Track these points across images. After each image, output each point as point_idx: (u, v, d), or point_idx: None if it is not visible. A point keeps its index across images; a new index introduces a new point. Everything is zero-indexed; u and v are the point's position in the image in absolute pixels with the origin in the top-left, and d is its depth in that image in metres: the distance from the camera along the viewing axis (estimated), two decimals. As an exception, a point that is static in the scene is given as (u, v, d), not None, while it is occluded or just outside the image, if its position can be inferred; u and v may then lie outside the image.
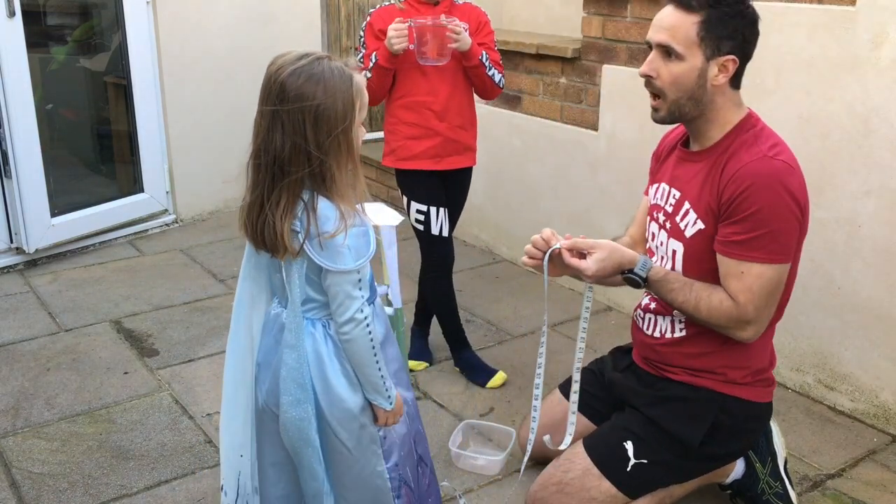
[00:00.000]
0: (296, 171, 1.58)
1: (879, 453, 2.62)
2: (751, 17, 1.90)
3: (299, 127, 1.56)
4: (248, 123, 1.45)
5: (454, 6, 2.80)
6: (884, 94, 2.55)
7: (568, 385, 2.42)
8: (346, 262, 1.61)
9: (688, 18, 1.88)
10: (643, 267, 1.96)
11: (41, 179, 3.88)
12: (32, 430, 2.66)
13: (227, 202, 4.81)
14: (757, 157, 1.87)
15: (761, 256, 1.87)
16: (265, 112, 1.59)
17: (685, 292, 1.95)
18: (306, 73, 1.56)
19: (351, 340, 1.66)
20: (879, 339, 2.69)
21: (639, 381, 2.19)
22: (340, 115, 1.58)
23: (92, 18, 4.45)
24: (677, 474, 2.12)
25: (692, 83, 1.90)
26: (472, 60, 2.70)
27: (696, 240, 1.98)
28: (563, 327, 3.42)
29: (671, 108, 1.95)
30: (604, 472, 2.07)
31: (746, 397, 2.06)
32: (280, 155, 1.57)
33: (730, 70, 1.91)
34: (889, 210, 2.60)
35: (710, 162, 1.96)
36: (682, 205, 2.01)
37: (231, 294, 3.68)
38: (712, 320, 1.93)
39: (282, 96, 1.56)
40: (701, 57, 1.89)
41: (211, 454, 2.55)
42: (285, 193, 1.59)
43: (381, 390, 1.72)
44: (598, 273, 1.92)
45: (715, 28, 1.87)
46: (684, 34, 1.88)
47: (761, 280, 1.88)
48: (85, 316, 3.46)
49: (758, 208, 1.84)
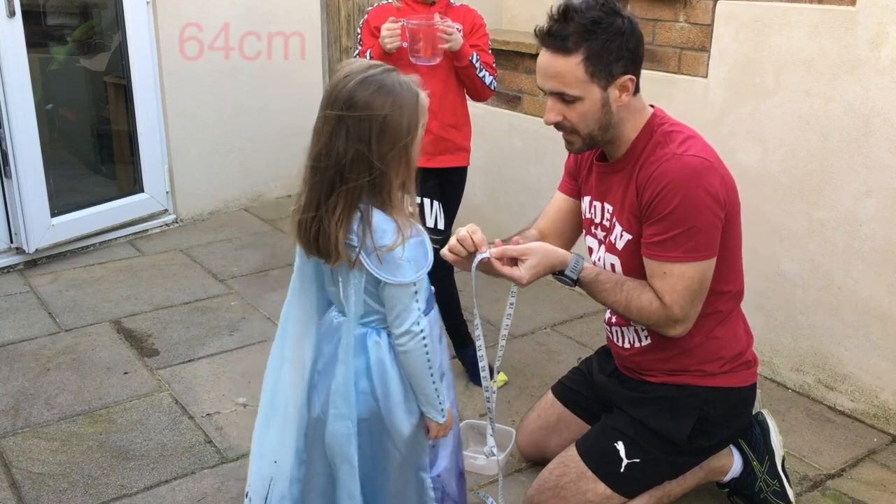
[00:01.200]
0: (355, 179, 1.56)
1: (879, 453, 2.62)
2: (629, 29, 1.86)
3: (364, 135, 1.54)
4: (248, 123, 1.44)
5: (450, 7, 2.82)
6: (884, 95, 2.55)
7: (560, 387, 2.43)
8: (406, 275, 1.60)
9: (569, 61, 1.84)
10: (574, 268, 1.94)
11: (41, 179, 3.89)
12: (32, 430, 2.66)
13: (227, 202, 4.81)
14: (667, 156, 1.87)
15: (680, 256, 1.86)
16: (329, 117, 1.57)
17: (616, 293, 1.95)
18: (376, 83, 1.56)
19: (407, 352, 1.66)
20: (879, 339, 2.69)
21: (622, 385, 2.20)
22: (405, 130, 1.57)
23: (92, 18, 4.45)
24: (671, 470, 2.13)
25: (598, 114, 1.90)
26: (462, 61, 2.72)
27: (627, 250, 1.99)
28: (562, 327, 3.42)
29: (585, 140, 1.95)
30: (598, 475, 2.08)
31: (729, 385, 2.07)
32: (342, 160, 1.55)
33: (629, 88, 1.90)
34: (889, 210, 2.60)
35: (627, 171, 1.97)
36: (613, 218, 2.02)
37: (230, 294, 3.70)
38: (642, 319, 1.95)
39: (349, 103, 1.55)
40: (598, 90, 1.87)
41: (211, 454, 2.55)
42: (342, 200, 1.57)
43: (435, 403, 1.72)
44: (531, 280, 1.89)
45: (599, 58, 1.84)
46: (573, 78, 1.85)
47: (684, 279, 1.87)
48: (85, 316, 3.47)
49: (672, 208, 1.84)
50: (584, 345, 3.27)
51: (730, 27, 2.93)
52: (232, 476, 2.45)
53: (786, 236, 2.88)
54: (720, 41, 2.98)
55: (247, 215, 4.78)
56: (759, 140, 2.90)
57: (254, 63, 4.66)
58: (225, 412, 2.79)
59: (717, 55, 3.00)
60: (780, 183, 2.86)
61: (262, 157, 4.90)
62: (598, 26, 1.82)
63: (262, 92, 4.76)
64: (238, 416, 2.76)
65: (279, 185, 5.03)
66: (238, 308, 3.57)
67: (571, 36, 1.82)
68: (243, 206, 4.89)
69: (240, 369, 3.06)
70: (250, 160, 4.86)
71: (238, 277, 3.89)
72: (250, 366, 3.08)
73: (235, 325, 3.40)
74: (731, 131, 2.98)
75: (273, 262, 4.08)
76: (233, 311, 3.54)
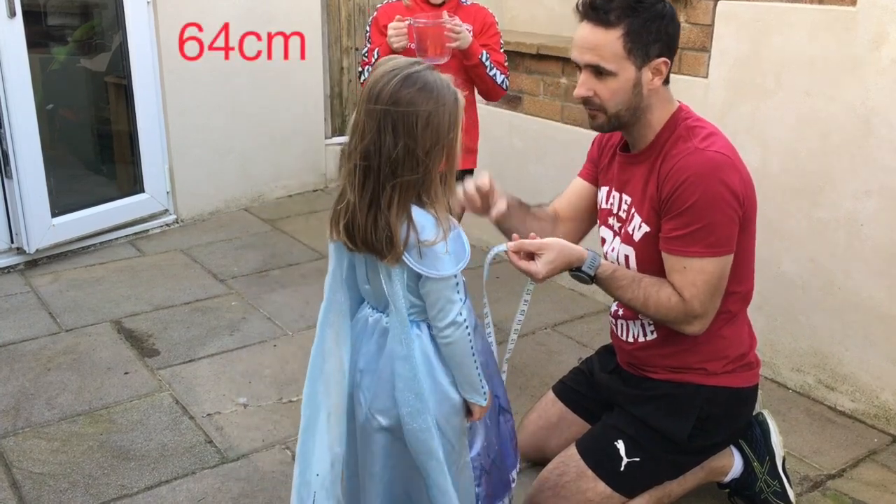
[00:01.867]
0: (409, 174, 1.56)
1: (880, 453, 2.62)
2: (670, 14, 1.88)
3: (412, 130, 1.55)
4: (248, 123, 1.44)
5: (460, 6, 2.79)
6: (884, 95, 2.55)
7: (561, 387, 2.43)
8: (447, 268, 1.61)
9: (609, 34, 1.85)
10: (591, 265, 1.93)
11: (42, 179, 3.88)
12: (33, 431, 2.66)
13: (227, 202, 4.81)
14: (689, 150, 1.87)
15: (700, 251, 1.86)
16: (374, 111, 1.55)
17: (633, 289, 1.94)
18: (421, 81, 1.56)
19: (452, 343, 1.66)
20: (880, 339, 2.69)
21: (624, 382, 2.20)
22: (447, 127, 1.58)
23: (92, 18, 4.45)
24: (671, 470, 2.13)
25: (629, 94, 1.90)
26: (471, 59, 2.69)
27: (644, 243, 1.98)
28: (563, 327, 3.42)
29: (611, 119, 1.95)
30: (598, 474, 2.07)
31: (730, 385, 2.07)
32: (392, 155, 1.55)
33: (663, 72, 1.91)
34: (890, 210, 2.60)
35: (649, 163, 1.97)
36: (631, 209, 2.02)
37: (231, 294, 3.70)
38: (660, 315, 1.94)
39: (394, 99, 1.54)
40: (632, 68, 1.87)
41: (211, 454, 2.55)
42: (397, 195, 1.57)
43: (478, 387, 1.73)
44: (548, 276, 1.89)
45: (639, 36, 1.85)
46: (611, 51, 1.85)
47: (704, 274, 1.87)
48: (85, 316, 3.47)
49: (692, 202, 1.84)
50: (584, 345, 3.27)
51: (730, 27, 2.93)
52: (232, 476, 2.45)
53: (786, 236, 2.88)
54: (721, 41, 2.98)
55: (247, 215, 4.78)
56: (759, 140, 2.90)
57: (254, 63, 4.66)
58: (225, 412, 2.79)
59: (717, 55, 3.00)
60: (781, 183, 2.86)
61: (263, 158, 4.90)
62: (640, 4, 1.84)
63: (263, 92, 4.76)
64: (238, 416, 2.77)
65: (280, 186, 5.04)
66: (238, 308, 3.57)
67: (614, 10, 1.84)
68: (244, 206, 4.89)
69: (240, 369, 3.06)
70: (251, 160, 4.86)
71: (238, 277, 3.89)
72: (251, 366, 3.08)
73: (236, 326, 3.41)
74: (731, 131, 2.96)
75: (273, 262, 4.08)
76: (233, 312, 3.54)
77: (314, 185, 5.21)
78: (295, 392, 2.92)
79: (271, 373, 3.04)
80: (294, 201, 5.02)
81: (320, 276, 3.81)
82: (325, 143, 5.21)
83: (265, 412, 2.79)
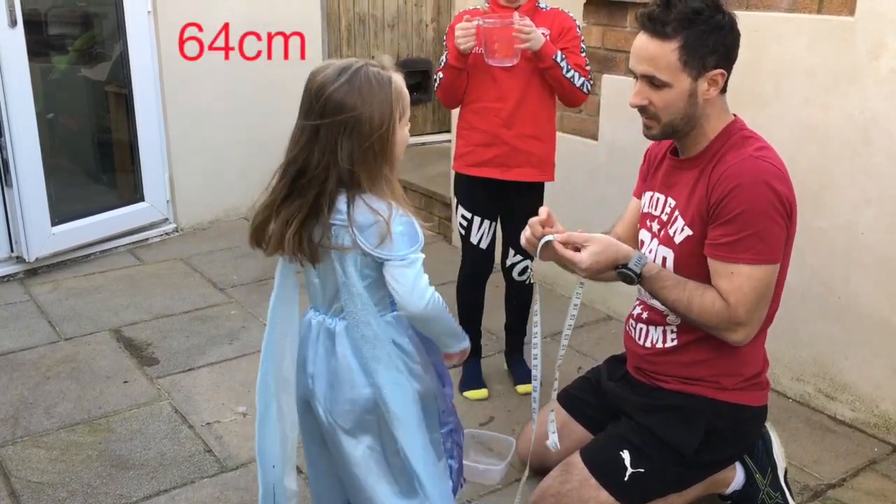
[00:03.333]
0: (327, 182, 1.60)
1: (880, 463, 2.62)
2: (728, 25, 1.89)
3: (333, 142, 1.58)
4: (248, 132, 1.46)
5: (537, 11, 2.67)
6: (883, 104, 2.56)
7: (565, 395, 2.42)
8: (399, 248, 1.62)
9: (666, 46, 1.86)
10: (638, 262, 1.92)
11: (42, 188, 3.89)
12: (32, 439, 2.65)
13: (227, 211, 4.82)
14: (744, 157, 1.88)
15: (750, 258, 1.85)
16: (306, 127, 1.61)
17: (678, 290, 1.93)
18: (345, 88, 1.58)
19: (426, 316, 1.67)
20: (880, 347, 2.69)
21: (633, 390, 2.19)
22: (377, 123, 1.59)
23: (93, 28, 4.46)
24: (675, 482, 2.12)
25: (683, 104, 1.91)
26: (545, 61, 2.56)
27: (685, 246, 1.98)
28: (563, 336, 3.41)
29: (664, 128, 1.96)
30: (601, 482, 2.07)
31: (740, 402, 2.06)
32: (314, 168, 1.60)
33: (719, 83, 1.92)
34: (889, 218, 2.60)
35: (699, 168, 1.97)
36: (674, 212, 2.01)
37: (230, 303, 3.70)
38: (703, 320, 1.92)
39: (322, 112, 1.58)
40: (688, 79, 1.88)
41: (210, 463, 2.55)
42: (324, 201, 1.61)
43: (459, 335, 1.78)
44: (591, 267, 1.88)
45: (695, 49, 1.85)
46: (666, 63, 1.87)
47: (751, 281, 1.86)
48: (85, 325, 3.46)
49: (744, 209, 1.84)
50: (584, 354, 3.27)
51: (729, 37, 2.94)
52: (231, 485, 2.45)
53: (786, 245, 2.88)
54: (719, 51, 2.98)
55: (247, 224, 4.75)
56: (758, 149, 2.90)
57: (254, 72, 4.67)
58: (224, 421, 2.78)
59: (716, 65, 3.00)
60: (780, 192, 2.86)
61: (263, 167, 4.81)
62: (698, 17, 1.85)
63: (262, 101, 4.76)
64: (238, 425, 2.76)
65: (279, 194, 5.03)
66: (238, 317, 3.57)
67: (671, 23, 1.85)
68: (243, 215, 4.89)
69: (239, 378, 3.05)
70: (250, 170, 4.84)
71: (238, 286, 3.89)
72: (250, 375, 3.08)
73: (235, 334, 3.40)
74: (730, 140, 2.98)
75: (273, 271, 4.05)
76: (233, 320, 3.53)
77: (314, 194, 5.20)
78: (294, 401, 2.91)
79: (271, 382, 3.04)
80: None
81: (320, 285, 3.83)
82: (324, 152, 5.20)
83: (264, 421, 2.79)
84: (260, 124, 4.79)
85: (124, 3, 4.16)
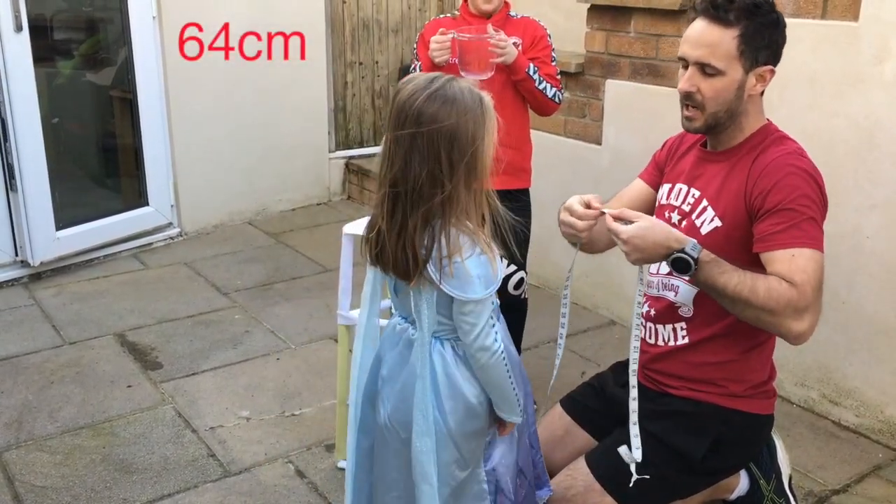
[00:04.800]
0: (430, 198, 1.57)
1: (885, 469, 2.61)
2: (782, 24, 1.92)
3: (437, 148, 1.55)
4: (252, 137, 1.44)
5: (509, 20, 2.70)
6: (887, 109, 2.55)
7: (570, 401, 2.41)
8: (476, 291, 1.59)
9: (726, 33, 1.86)
10: (695, 247, 1.81)
11: (47, 192, 3.90)
12: (36, 444, 2.65)
13: (231, 215, 4.82)
14: (787, 152, 1.89)
15: (809, 241, 1.82)
16: (402, 137, 1.56)
17: (739, 274, 1.82)
18: (441, 97, 1.56)
19: (485, 368, 1.65)
20: (884, 353, 2.68)
21: (640, 396, 2.18)
22: (472, 136, 1.57)
23: (98, 33, 4.47)
24: (680, 489, 2.11)
25: (732, 96, 1.90)
26: (517, 74, 2.59)
27: (711, 237, 1.95)
28: (566, 341, 3.40)
29: (708, 120, 1.93)
30: (606, 488, 2.06)
31: (748, 410, 2.05)
32: (418, 181, 1.56)
33: (766, 79, 1.92)
34: (894, 224, 2.59)
35: (733, 162, 1.95)
36: (700, 202, 2.00)
37: (234, 307, 3.70)
38: (770, 303, 1.79)
39: (419, 120, 1.55)
40: (741, 70, 1.88)
41: (214, 468, 2.55)
42: (421, 220, 1.58)
43: (515, 407, 1.72)
44: (632, 239, 1.80)
45: (753, 40, 1.87)
46: (724, 50, 1.86)
47: (813, 262, 1.81)
48: (89, 329, 3.47)
49: (792, 198, 1.83)
50: (587, 359, 3.27)
51: (733, 42, 2.94)
52: (234, 490, 2.45)
53: (790, 251, 2.87)
54: (723, 56, 2.98)
55: (251, 229, 4.78)
56: (762, 154, 2.90)
57: (259, 77, 4.68)
58: (228, 426, 2.78)
59: (720, 70, 3.00)
60: (784, 197, 2.86)
61: (267, 171, 4.91)
62: (759, 10, 1.86)
63: (267, 106, 4.78)
64: (241, 429, 2.76)
65: (283, 199, 5.05)
66: (242, 321, 3.57)
67: (734, 10, 1.85)
68: (247, 219, 4.90)
69: (243, 383, 3.05)
70: (254, 174, 4.87)
71: (242, 291, 3.90)
72: (254, 379, 3.08)
73: (239, 339, 3.40)
74: (734, 146, 2.98)
75: (277, 275, 4.08)
76: (236, 325, 3.54)
77: (318, 199, 5.22)
78: (297, 405, 2.91)
79: (274, 386, 3.04)
80: (298, 215, 5.03)
81: (324, 290, 3.85)
82: (328, 157, 5.22)
83: (268, 426, 2.79)
84: (264, 129, 4.81)
85: (129, 9, 4.18)
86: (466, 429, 1.72)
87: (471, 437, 1.73)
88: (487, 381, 1.69)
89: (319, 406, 2.91)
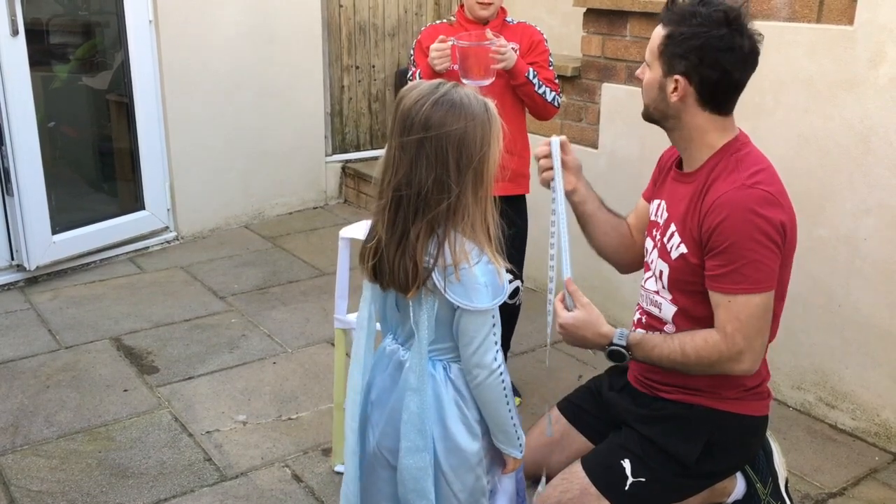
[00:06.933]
0: (437, 205, 1.53)
1: (881, 472, 2.61)
2: (717, 45, 1.86)
3: (443, 157, 1.52)
4: (248, 141, 1.43)
5: (506, 25, 2.71)
6: (882, 113, 2.56)
7: (566, 404, 2.42)
8: (482, 300, 1.55)
9: (660, 31, 1.94)
10: (621, 336, 1.96)
11: (42, 196, 3.89)
12: (31, 448, 2.65)
13: (227, 220, 4.82)
14: (734, 186, 1.87)
15: (745, 287, 1.86)
16: (408, 143, 1.52)
17: (668, 343, 1.94)
18: (448, 102, 1.54)
19: (481, 386, 1.61)
20: (880, 356, 2.69)
21: (634, 401, 2.18)
22: (480, 142, 1.55)
23: (95, 37, 4.48)
24: (676, 492, 2.11)
25: (655, 93, 1.96)
26: (517, 79, 2.60)
27: (680, 262, 1.98)
28: (562, 344, 3.37)
29: (646, 108, 2.03)
30: (602, 492, 2.06)
31: (742, 412, 2.06)
32: (424, 187, 1.52)
33: (679, 90, 1.91)
34: (889, 228, 2.60)
35: (695, 187, 1.97)
36: (669, 226, 2.02)
37: (231, 311, 3.70)
38: (703, 361, 1.91)
39: (427, 125, 1.51)
40: (660, 70, 1.94)
41: (210, 472, 2.54)
42: (426, 228, 1.54)
43: (513, 439, 1.67)
44: (565, 327, 1.97)
45: (673, 45, 1.90)
46: (654, 45, 1.95)
47: (748, 308, 1.86)
48: (85, 333, 3.46)
49: (733, 241, 1.83)
50: (584, 362, 3.27)
51: (729, 46, 2.95)
52: (231, 494, 2.44)
53: (786, 254, 2.88)
54: (719, 60, 2.99)
55: (247, 232, 4.78)
56: (758, 158, 2.91)
57: (255, 80, 4.68)
58: (224, 430, 2.78)
59: (716, 74, 3.01)
60: (780, 201, 2.86)
61: (263, 175, 4.91)
62: (692, 19, 1.88)
63: (264, 110, 4.78)
64: (238, 433, 2.76)
65: (280, 203, 5.04)
66: (238, 325, 3.57)
67: (671, 14, 1.92)
68: (244, 223, 4.90)
69: (240, 387, 3.05)
70: (251, 177, 4.87)
71: (238, 295, 3.89)
72: (250, 383, 3.08)
73: (235, 343, 3.40)
74: (730, 149, 2.99)
75: (273, 279, 4.08)
76: (233, 329, 3.53)
77: (314, 203, 5.23)
78: (294, 409, 2.91)
79: (271, 390, 3.04)
80: (294, 218, 5.03)
81: (320, 294, 3.85)
82: (325, 161, 5.23)
83: (264, 430, 2.79)
84: (261, 133, 4.81)
85: (126, 13, 4.18)
86: (452, 463, 1.66)
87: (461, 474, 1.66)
88: (483, 403, 1.64)
89: (316, 410, 2.91)
